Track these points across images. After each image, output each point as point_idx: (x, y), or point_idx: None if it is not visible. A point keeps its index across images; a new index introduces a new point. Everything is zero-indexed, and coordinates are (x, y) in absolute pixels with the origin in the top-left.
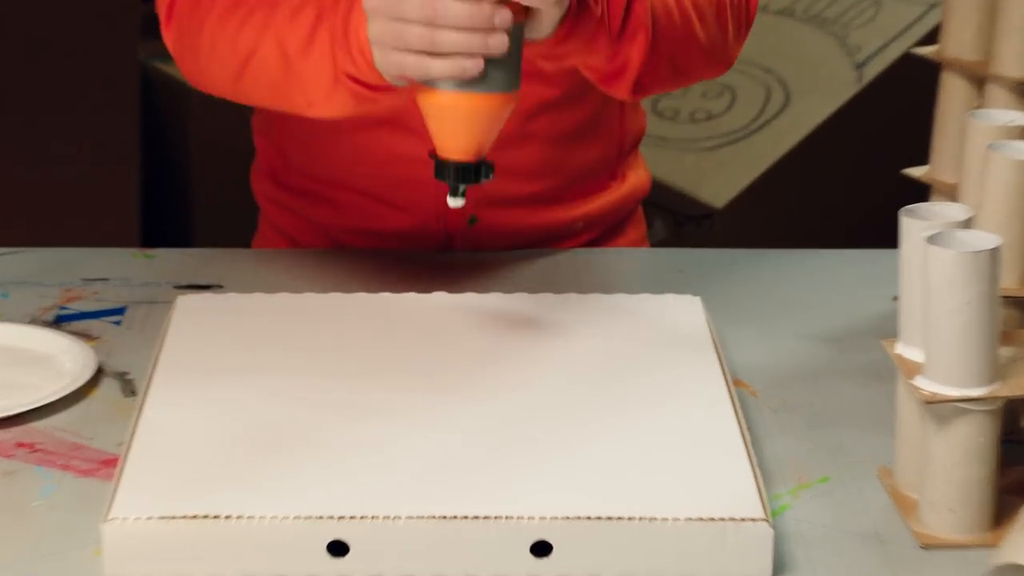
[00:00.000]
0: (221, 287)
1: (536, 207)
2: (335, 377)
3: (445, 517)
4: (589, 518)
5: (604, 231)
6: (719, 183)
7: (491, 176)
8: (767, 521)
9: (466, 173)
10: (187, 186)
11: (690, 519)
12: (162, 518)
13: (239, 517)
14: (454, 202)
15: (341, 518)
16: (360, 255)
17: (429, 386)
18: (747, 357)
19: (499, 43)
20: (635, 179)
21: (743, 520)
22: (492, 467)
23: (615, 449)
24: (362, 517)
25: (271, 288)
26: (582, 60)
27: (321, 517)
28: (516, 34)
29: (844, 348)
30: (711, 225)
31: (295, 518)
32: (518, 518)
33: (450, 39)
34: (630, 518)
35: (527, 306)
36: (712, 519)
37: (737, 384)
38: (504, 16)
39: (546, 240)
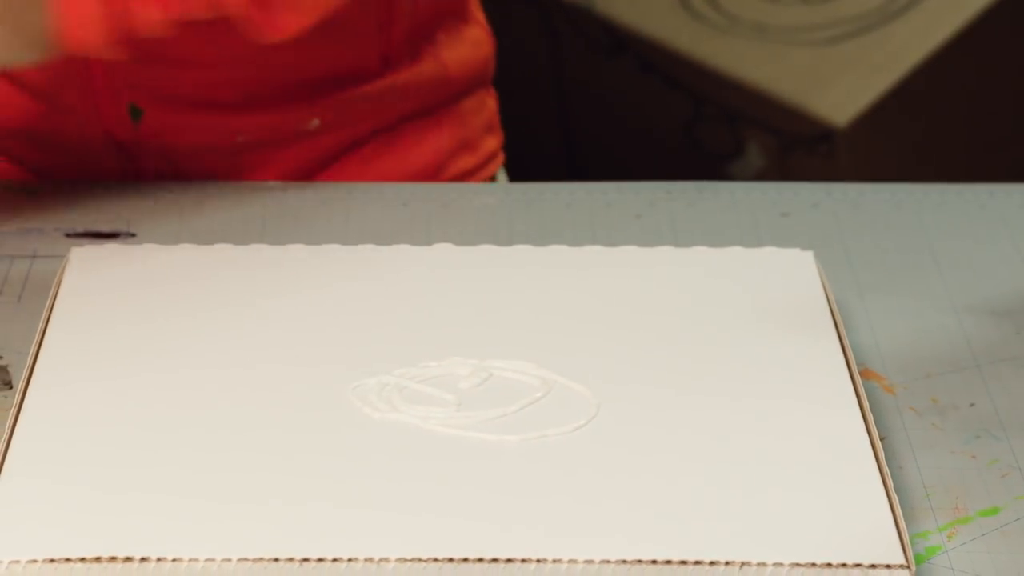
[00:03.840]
0: (132, 235)
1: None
2: (291, 362)
3: (452, 560)
4: (656, 562)
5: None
6: (841, 92)
7: None
8: (908, 569)
9: None
10: None
11: (799, 565)
12: (49, 561)
13: (159, 559)
14: None
15: (305, 561)
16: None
17: (424, 374)
18: (880, 337)
19: None
20: (435, 64)
21: (875, 567)
22: (523, 489)
23: (695, 469)
24: (335, 559)
25: (203, 236)
26: None
27: (277, 559)
28: None
29: (1021, 325)
30: (830, 150)
31: (239, 561)
32: (558, 562)
33: None
34: (712, 562)
35: (551, 262)
36: (832, 565)
37: (866, 376)
38: None
39: (252, 144)
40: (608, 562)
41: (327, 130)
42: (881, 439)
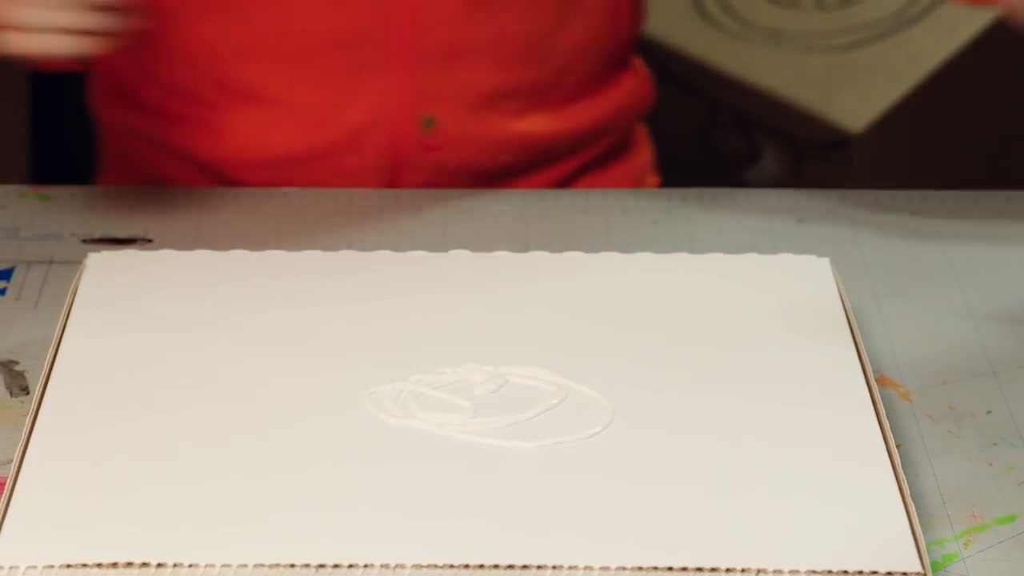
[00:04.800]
0: (149, 241)
1: (510, 107)
2: (307, 368)
3: (468, 566)
4: (672, 569)
5: (596, 156)
6: (857, 98)
7: None
8: None
9: None
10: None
11: (815, 572)
12: (66, 567)
13: (176, 565)
14: None
15: (321, 567)
16: (322, 197)
17: (439, 380)
18: (897, 344)
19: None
20: (636, 85)
21: (892, 575)
22: (539, 496)
23: (710, 476)
24: (350, 565)
25: (217, 242)
26: None
27: (293, 565)
28: None
29: None
30: (845, 157)
31: (255, 566)
32: (574, 568)
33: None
34: (728, 569)
35: (567, 269)
36: (848, 572)
37: (883, 383)
38: None
39: (525, 162)
40: (624, 568)
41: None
42: (897, 446)
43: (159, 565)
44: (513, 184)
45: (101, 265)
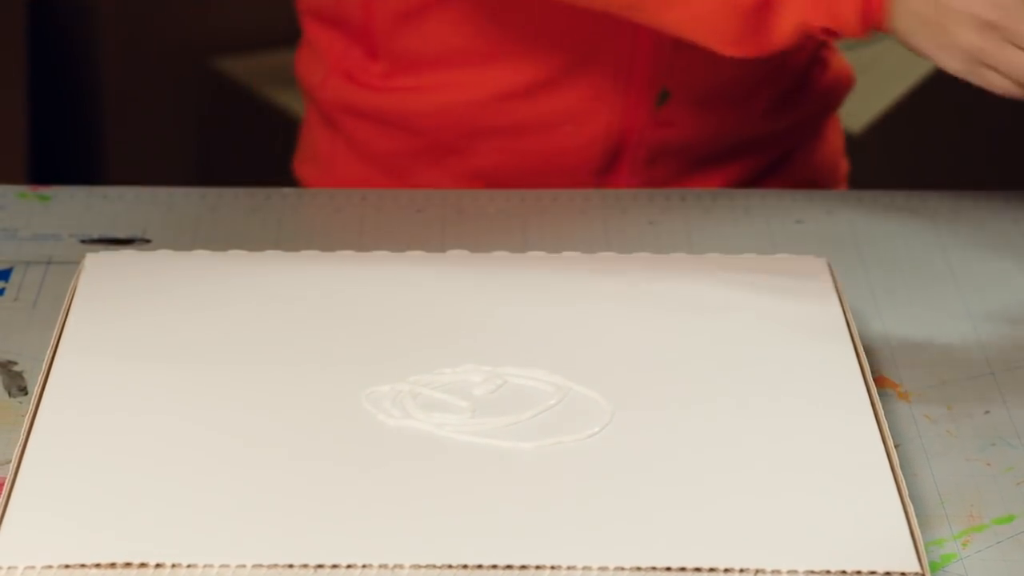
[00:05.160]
0: (147, 241)
1: (738, 91)
2: (305, 368)
3: (467, 566)
4: (670, 569)
5: (804, 136)
6: (855, 98)
7: None
8: None
9: None
10: (96, 103)
11: (814, 572)
12: (64, 567)
13: (174, 566)
14: None
15: (320, 567)
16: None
17: (438, 380)
18: (895, 344)
19: None
20: (838, 66)
21: (890, 575)
22: (537, 496)
23: (708, 476)
24: (349, 565)
25: (215, 242)
26: None
27: (292, 565)
28: None
29: None
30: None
31: (253, 567)
32: (572, 569)
33: None
34: (727, 569)
35: (566, 269)
36: (847, 573)
37: (881, 383)
38: None
39: (738, 148)
40: (622, 569)
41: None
42: (896, 446)
43: (158, 565)
44: (726, 169)
45: (99, 265)
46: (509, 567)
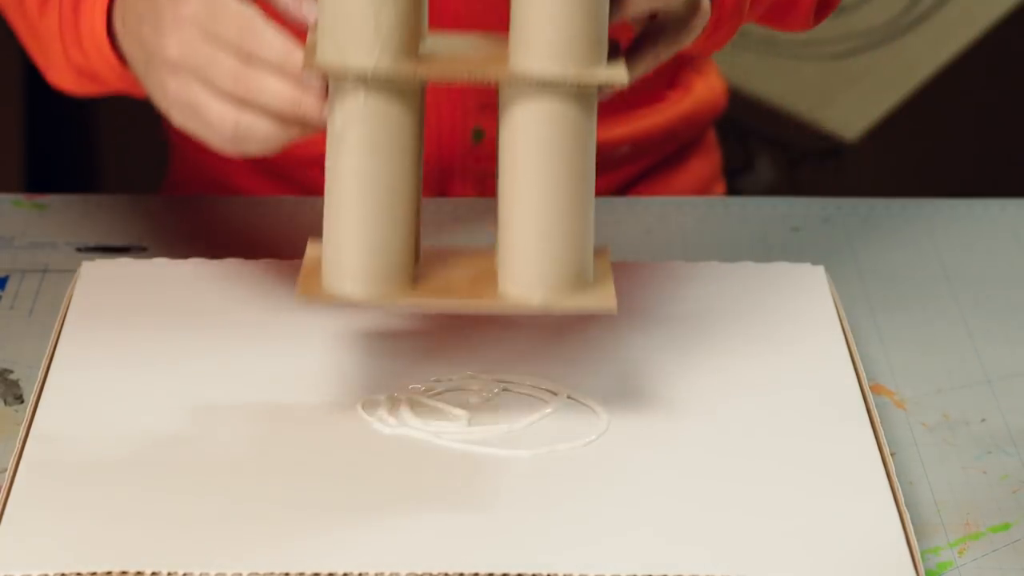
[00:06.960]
0: (143, 249)
1: None
2: (301, 377)
3: (463, 575)
4: None
5: (658, 161)
6: (851, 106)
7: None
8: None
9: None
10: (92, 111)
11: None
12: None
13: (169, 574)
14: None
15: (315, 575)
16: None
17: (434, 389)
18: (891, 352)
19: (312, 107)
20: (704, 90)
21: None
22: (534, 504)
23: (705, 486)
24: (344, 574)
25: (215, 250)
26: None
27: (288, 574)
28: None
29: None
30: (839, 165)
31: (249, 575)
32: None
33: (267, 84)
34: None
35: None
36: None
37: (877, 391)
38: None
39: None
40: None
41: (634, 157)
42: (892, 454)
43: (154, 574)
44: None
45: (96, 273)
46: (505, 575)
